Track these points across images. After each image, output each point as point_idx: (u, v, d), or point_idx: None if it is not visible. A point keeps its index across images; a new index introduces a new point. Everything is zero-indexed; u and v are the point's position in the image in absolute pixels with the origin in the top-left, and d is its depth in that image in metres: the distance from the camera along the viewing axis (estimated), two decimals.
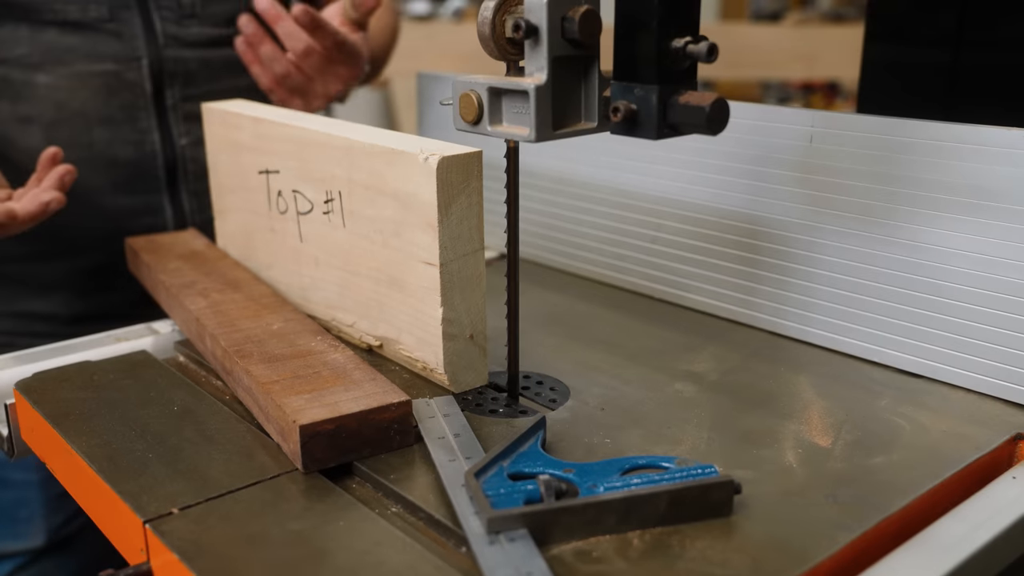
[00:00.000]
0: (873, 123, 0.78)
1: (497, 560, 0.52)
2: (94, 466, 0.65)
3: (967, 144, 0.73)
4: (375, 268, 0.79)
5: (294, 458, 0.64)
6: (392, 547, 0.56)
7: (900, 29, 1.08)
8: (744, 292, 0.89)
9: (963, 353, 0.75)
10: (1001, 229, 0.72)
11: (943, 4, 1.02)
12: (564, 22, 0.62)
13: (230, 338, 0.77)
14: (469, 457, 0.63)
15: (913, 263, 0.77)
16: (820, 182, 0.82)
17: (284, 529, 0.58)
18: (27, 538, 1.09)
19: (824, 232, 0.82)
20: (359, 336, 0.84)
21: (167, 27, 1.07)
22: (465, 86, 0.66)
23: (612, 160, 0.98)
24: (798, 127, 0.82)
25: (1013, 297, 0.72)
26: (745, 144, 0.86)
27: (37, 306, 1.10)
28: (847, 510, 0.59)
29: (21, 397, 0.77)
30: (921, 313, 0.77)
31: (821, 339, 0.84)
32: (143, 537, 0.59)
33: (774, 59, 3.19)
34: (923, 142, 0.75)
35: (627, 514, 0.56)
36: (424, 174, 0.71)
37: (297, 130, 0.85)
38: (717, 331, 0.89)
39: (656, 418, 0.71)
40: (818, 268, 0.83)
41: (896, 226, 0.77)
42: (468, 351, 0.76)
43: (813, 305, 0.84)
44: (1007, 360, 0.73)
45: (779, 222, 0.85)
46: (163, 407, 0.74)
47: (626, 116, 0.62)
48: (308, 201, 0.85)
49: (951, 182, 0.74)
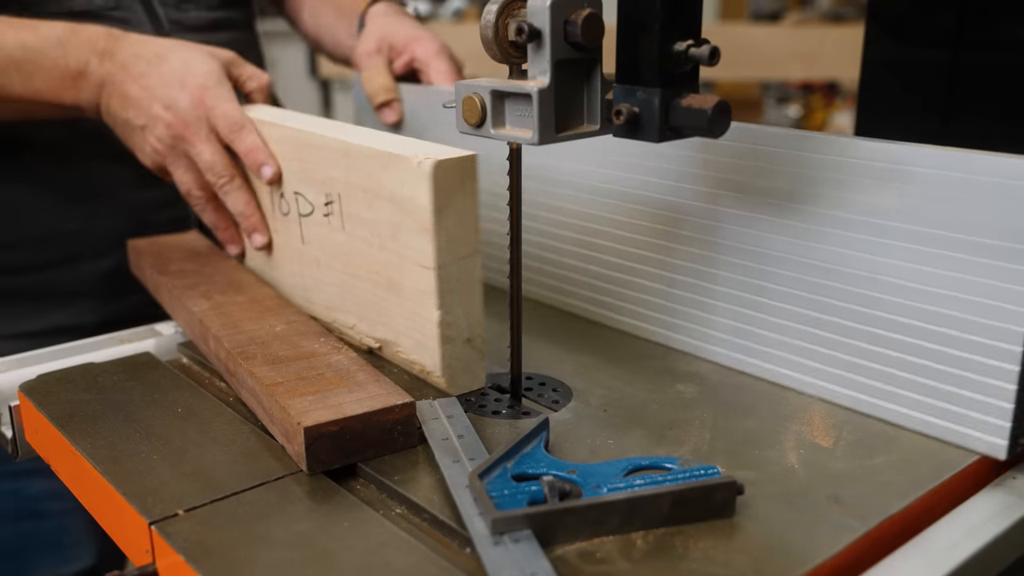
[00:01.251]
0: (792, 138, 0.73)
1: (502, 561, 0.53)
2: (99, 468, 0.65)
3: (906, 166, 0.67)
4: (373, 271, 0.79)
5: (299, 459, 0.64)
6: (397, 548, 0.56)
7: (900, 29, 1.08)
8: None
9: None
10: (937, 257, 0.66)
11: (943, 4, 1.02)
12: (567, 25, 0.62)
13: (233, 340, 0.77)
14: (473, 458, 0.63)
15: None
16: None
17: (289, 530, 0.58)
18: (77, 560, 1.09)
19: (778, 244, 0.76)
20: (359, 338, 0.84)
21: (168, 12, 1.08)
22: (468, 89, 0.67)
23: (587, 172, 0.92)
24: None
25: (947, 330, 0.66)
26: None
27: (61, 319, 1.08)
28: (849, 511, 0.59)
29: (25, 399, 0.77)
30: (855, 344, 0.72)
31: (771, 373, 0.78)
32: (148, 538, 0.59)
33: (773, 59, 3.19)
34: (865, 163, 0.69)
35: (630, 515, 0.56)
36: (419, 177, 0.71)
37: (297, 132, 0.85)
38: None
39: (658, 419, 0.71)
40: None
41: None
42: (465, 354, 0.75)
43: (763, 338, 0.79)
44: (939, 396, 0.67)
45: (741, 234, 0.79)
46: (167, 409, 0.74)
47: (628, 119, 0.63)
48: (309, 203, 0.85)
49: (886, 205, 0.68)
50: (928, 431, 0.68)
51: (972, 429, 0.66)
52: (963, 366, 0.65)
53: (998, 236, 0.63)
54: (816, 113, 6.08)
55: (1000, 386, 0.64)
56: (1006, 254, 0.62)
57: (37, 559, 1.09)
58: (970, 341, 0.65)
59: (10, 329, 1.07)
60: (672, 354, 0.84)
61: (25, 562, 1.09)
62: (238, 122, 0.90)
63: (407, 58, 1.09)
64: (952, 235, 0.65)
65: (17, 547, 1.08)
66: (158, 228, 1.08)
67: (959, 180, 0.64)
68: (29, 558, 1.09)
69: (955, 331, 0.66)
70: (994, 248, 0.63)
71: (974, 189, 0.63)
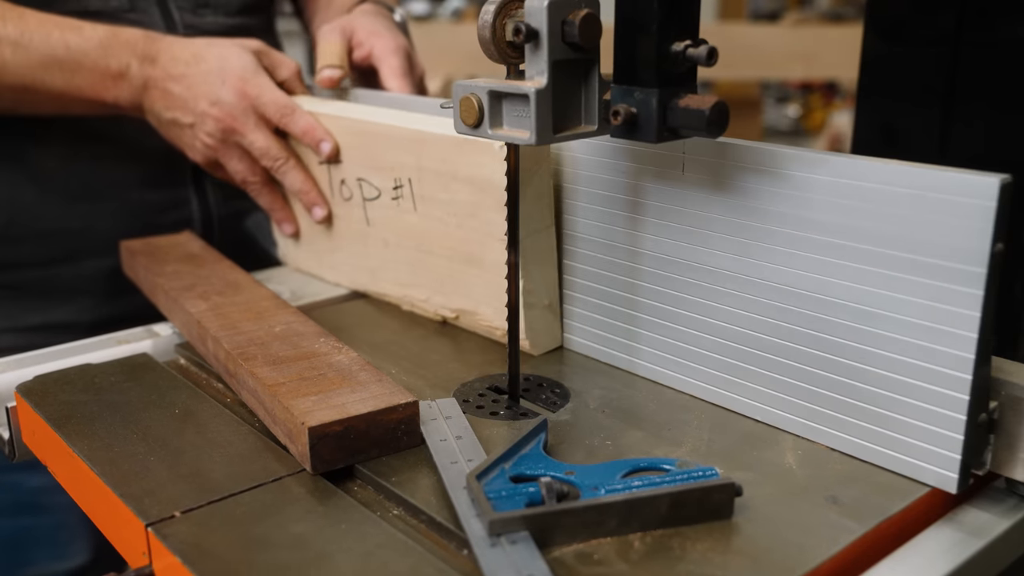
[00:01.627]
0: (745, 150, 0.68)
1: (499, 562, 0.52)
2: (96, 469, 0.65)
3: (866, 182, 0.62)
4: (449, 247, 0.86)
5: (303, 459, 0.64)
6: (394, 550, 0.56)
7: (899, 29, 1.08)
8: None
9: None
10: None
11: (942, 4, 1.02)
12: (564, 26, 0.62)
13: (233, 340, 0.77)
14: (471, 459, 0.63)
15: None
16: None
17: (286, 532, 0.58)
18: (73, 557, 1.10)
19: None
20: (434, 310, 0.90)
21: (184, 16, 1.10)
22: (466, 89, 0.67)
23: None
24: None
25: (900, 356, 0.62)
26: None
27: (59, 316, 1.09)
28: (847, 512, 0.59)
29: (22, 400, 0.77)
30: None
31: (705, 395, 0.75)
32: (145, 540, 0.59)
33: (773, 59, 3.19)
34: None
35: (628, 516, 0.56)
36: (498, 160, 0.76)
37: (360, 123, 0.92)
38: None
39: (656, 420, 0.71)
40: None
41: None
42: (546, 318, 0.82)
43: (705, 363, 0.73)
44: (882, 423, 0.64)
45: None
46: (164, 410, 0.74)
47: (626, 119, 0.63)
48: (375, 188, 0.92)
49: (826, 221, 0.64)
50: (876, 460, 0.64)
51: (922, 460, 0.61)
52: (911, 393, 0.61)
53: (947, 256, 0.58)
54: (815, 113, 6.09)
55: (949, 415, 0.59)
56: (955, 276, 0.58)
57: (34, 553, 1.09)
58: (917, 366, 0.60)
59: (17, 322, 1.08)
60: None
61: (22, 556, 1.09)
62: (288, 106, 0.96)
63: (366, 51, 1.10)
64: (899, 254, 0.60)
65: (15, 541, 1.09)
66: (161, 230, 1.08)
67: (907, 196, 0.59)
68: (26, 552, 1.09)
69: (901, 356, 0.61)
70: (942, 269, 0.58)
71: (922, 206, 0.58)
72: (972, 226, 0.56)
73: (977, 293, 0.57)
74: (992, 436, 0.61)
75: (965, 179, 0.57)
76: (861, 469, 0.64)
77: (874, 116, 1.11)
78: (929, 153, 1.02)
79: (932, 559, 0.57)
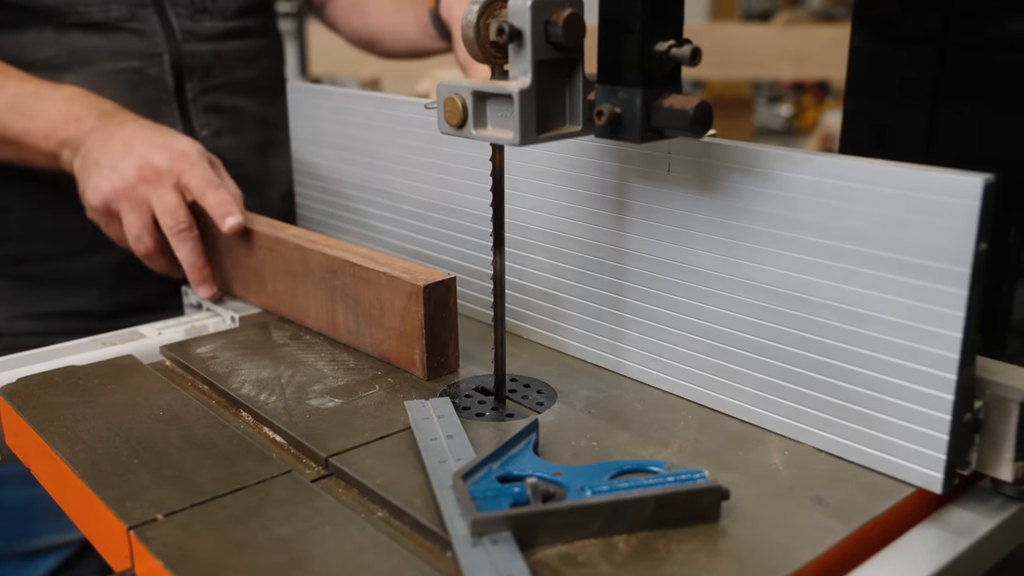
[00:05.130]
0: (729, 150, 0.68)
1: (479, 562, 0.52)
2: (78, 472, 0.65)
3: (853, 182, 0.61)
4: None
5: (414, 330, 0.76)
6: (377, 552, 0.56)
7: (886, 28, 1.08)
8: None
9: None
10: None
11: (929, 4, 1.02)
12: (548, 26, 0.62)
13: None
14: (460, 459, 0.63)
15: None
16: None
17: (269, 534, 0.58)
18: (72, 530, 1.10)
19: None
20: None
21: (183, 23, 1.13)
22: (449, 90, 0.66)
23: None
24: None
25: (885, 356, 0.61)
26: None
27: (71, 303, 1.14)
28: (833, 512, 0.59)
29: (5, 402, 0.76)
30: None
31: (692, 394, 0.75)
32: (127, 544, 0.59)
33: (764, 59, 3.19)
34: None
35: (613, 518, 0.56)
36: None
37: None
38: None
39: (643, 420, 0.71)
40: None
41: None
42: None
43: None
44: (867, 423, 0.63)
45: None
46: (148, 412, 0.74)
47: (610, 119, 0.62)
48: None
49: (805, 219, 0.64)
50: (861, 461, 0.64)
51: (907, 460, 0.61)
52: (896, 393, 0.61)
53: (931, 256, 0.57)
54: (807, 112, 6.09)
55: (933, 415, 0.59)
56: (939, 275, 0.57)
57: (42, 524, 1.11)
58: (902, 366, 0.60)
59: (34, 308, 1.13)
60: None
61: (29, 527, 1.11)
62: (213, 181, 0.94)
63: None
64: (884, 254, 0.60)
65: (23, 511, 1.11)
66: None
67: (891, 196, 0.59)
68: (34, 523, 1.11)
69: (886, 356, 0.61)
70: (926, 269, 0.58)
71: (906, 206, 0.58)
72: (956, 226, 0.56)
73: (961, 293, 0.57)
74: (977, 436, 0.61)
75: (949, 179, 0.56)
76: (846, 469, 0.64)
77: (862, 115, 1.11)
78: (917, 152, 1.02)
79: (917, 559, 0.56)
